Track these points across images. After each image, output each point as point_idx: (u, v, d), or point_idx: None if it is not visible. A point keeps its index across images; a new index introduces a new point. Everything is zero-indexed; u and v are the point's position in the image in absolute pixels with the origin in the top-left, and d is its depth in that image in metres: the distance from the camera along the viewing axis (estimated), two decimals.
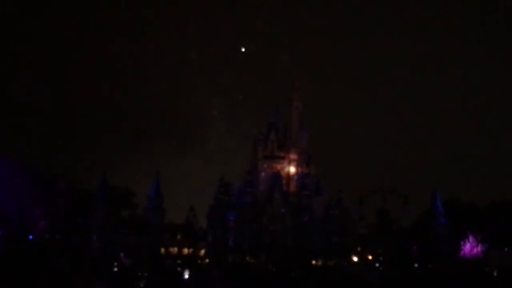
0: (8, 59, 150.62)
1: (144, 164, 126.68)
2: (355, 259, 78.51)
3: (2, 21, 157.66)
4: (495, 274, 61.00)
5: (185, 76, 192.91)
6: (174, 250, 76.89)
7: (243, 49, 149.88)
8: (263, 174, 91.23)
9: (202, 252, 77.96)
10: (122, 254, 63.08)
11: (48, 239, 67.76)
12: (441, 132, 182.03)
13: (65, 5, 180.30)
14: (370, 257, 78.44)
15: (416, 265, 69.53)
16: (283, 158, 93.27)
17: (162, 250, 74.63)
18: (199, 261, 69.85)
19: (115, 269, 54.37)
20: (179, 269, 53.70)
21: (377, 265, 72.26)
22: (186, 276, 50.31)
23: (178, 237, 77.71)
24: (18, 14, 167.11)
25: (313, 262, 73.73)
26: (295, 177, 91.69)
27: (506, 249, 70.20)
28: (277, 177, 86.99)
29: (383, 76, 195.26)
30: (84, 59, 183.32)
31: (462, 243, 68.17)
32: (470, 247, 67.88)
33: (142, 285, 39.42)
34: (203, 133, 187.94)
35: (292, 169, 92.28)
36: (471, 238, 68.01)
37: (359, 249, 79.46)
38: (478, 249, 67.56)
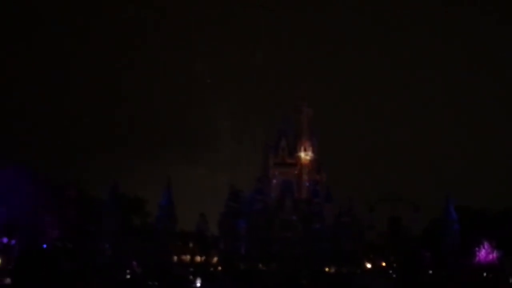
0: (13, 65, 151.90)
1: (154, 172, 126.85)
2: (368, 266, 77.91)
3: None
4: (511, 281, 60.28)
5: (196, 86, 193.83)
6: (187, 258, 76.78)
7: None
8: (274, 181, 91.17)
9: (215, 259, 77.79)
10: (135, 263, 63.04)
11: (60, 247, 67.82)
12: (452, 138, 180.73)
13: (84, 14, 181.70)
14: (383, 264, 77.78)
15: (430, 272, 68.80)
16: (293, 165, 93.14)
17: (175, 258, 74.53)
18: (211, 269, 69.74)
19: (128, 276, 54.46)
20: (191, 277, 53.69)
21: (390, 272, 71.59)
22: (198, 284, 50.25)
23: (190, 245, 77.61)
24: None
25: (326, 269, 73.28)
26: (306, 184, 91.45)
27: None
28: (288, 184, 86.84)
29: (394, 82, 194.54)
30: (97, 68, 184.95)
31: (477, 249, 67.25)
32: (485, 253, 66.92)
33: None
34: (213, 142, 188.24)
35: (303, 177, 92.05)
36: (486, 245, 67.08)
37: (371, 256, 78.78)
38: (494, 255, 66.62)
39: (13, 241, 57.69)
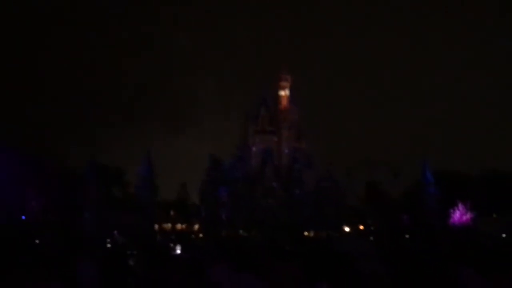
0: None
1: (135, 143, 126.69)
2: (346, 229, 79.48)
3: None
4: (484, 241, 62.20)
5: (178, 56, 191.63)
6: (168, 226, 77.56)
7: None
8: (254, 149, 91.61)
9: (196, 227, 78.65)
10: (116, 232, 63.44)
11: (41, 219, 67.84)
12: (430, 103, 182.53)
13: None
14: (361, 227, 79.44)
15: (407, 235, 70.57)
16: (274, 133, 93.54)
17: (156, 226, 75.19)
18: (192, 236, 70.57)
19: (109, 245, 54.84)
20: (171, 244, 54.21)
21: (368, 235, 73.19)
22: (178, 251, 50.85)
23: (171, 213, 78.29)
24: None
25: (305, 233, 74.59)
26: (286, 151, 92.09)
27: (494, 215, 71.34)
28: (268, 152, 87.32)
29: (371, 50, 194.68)
30: (76, 39, 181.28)
31: (451, 211, 69.04)
32: (459, 214, 68.79)
33: (132, 263, 39.76)
34: (195, 112, 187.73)
35: (283, 144, 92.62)
36: (460, 206, 68.87)
37: (350, 220, 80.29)
38: (467, 216, 68.48)
39: None
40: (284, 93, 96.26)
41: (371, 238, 67.68)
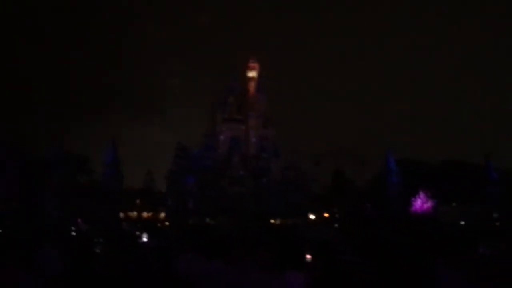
0: None
1: (102, 131, 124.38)
2: (312, 217, 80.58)
3: None
4: (443, 227, 64.26)
5: (144, 43, 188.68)
6: (134, 214, 76.78)
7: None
8: (222, 137, 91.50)
9: (162, 215, 78.13)
10: (79, 220, 62.53)
11: (4, 207, 66.26)
12: (396, 94, 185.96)
13: None
14: (326, 215, 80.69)
15: (370, 221, 72.15)
16: (241, 121, 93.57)
17: (122, 215, 74.37)
18: (159, 224, 70.12)
19: (73, 233, 54.09)
20: (137, 233, 53.94)
21: (333, 222, 74.45)
22: (145, 239, 50.68)
23: (137, 201, 77.48)
24: None
25: (272, 221, 75.25)
26: (254, 140, 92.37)
27: (454, 204, 73.76)
28: (236, 140, 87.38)
29: (339, 38, 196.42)
30: (41, 27, 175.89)
31: (413, 199, 70.93)
32: (420, 203, 70.72)
33: (98, 250, 39.41)
34: (162, 100, 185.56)
35: (251, 132, 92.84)
36: (421, 195, 70.81)
37: (315, 208, 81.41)
38: (428, 204, 70.50)
39: None
40: (252, 80, 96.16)
41: (336, 225, 68.90)
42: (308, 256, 35.16)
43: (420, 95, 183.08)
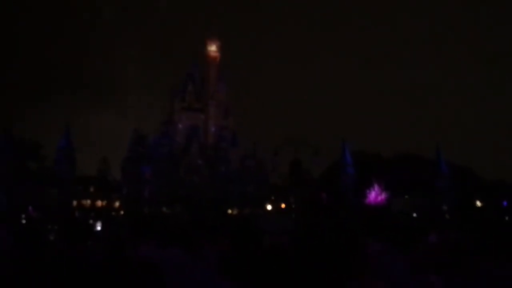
0: None
1: (57, 117, 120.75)
2: (269, 207, 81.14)
3: None
4: (396, 218, 66.14)
5: (101, 29, 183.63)
6: (87, 202, 74.93)
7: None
8: (180, 126, 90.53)
9: (117, 204, 76.64)
10: (30, 207, 60.55)
11: None
12: (354, 87, 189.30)
13: None
14: (283, 206, 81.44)
15: (325, 212, 73.30)
16: (200, 110, 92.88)
17: (74, 202, 72.49)
18: (113, 213, 68.82)
19: (23, 221, 52.24)
20: (91, 221, 52.68)
21: (289, 212, 75.24)
22: (99, 228, 49.54)
23: (91, 189, 75.62)
24: None
25: (229, 211, 75.31)
26: (213, 129, 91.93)
27: (406, 196, 75.97)
28: (194, 129, 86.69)
29: (299, 28, 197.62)
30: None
31: (367, 191, 72.59)
32: (375, 195, 72.52)
33: (51, 238, 38.32)
34: (119, 87, 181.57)
35: (210, 121, 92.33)
36: (376, 187, 72.57)
37: (272, 198, 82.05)
38: (382, 197, 72.37)
39: None
40: (211, 69, 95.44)
41: (293, 215, 69.58)
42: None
43: (378, 87, 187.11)
